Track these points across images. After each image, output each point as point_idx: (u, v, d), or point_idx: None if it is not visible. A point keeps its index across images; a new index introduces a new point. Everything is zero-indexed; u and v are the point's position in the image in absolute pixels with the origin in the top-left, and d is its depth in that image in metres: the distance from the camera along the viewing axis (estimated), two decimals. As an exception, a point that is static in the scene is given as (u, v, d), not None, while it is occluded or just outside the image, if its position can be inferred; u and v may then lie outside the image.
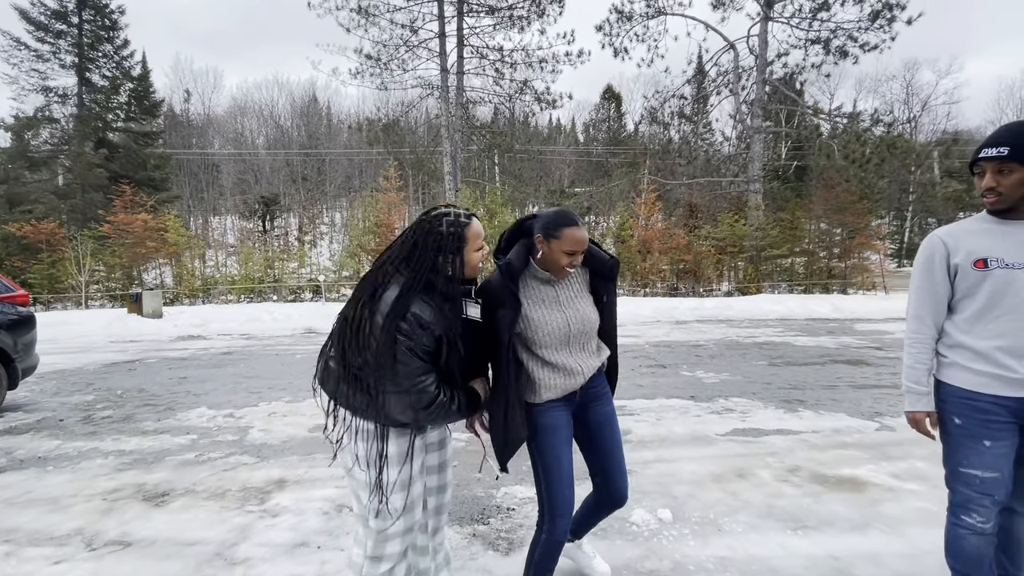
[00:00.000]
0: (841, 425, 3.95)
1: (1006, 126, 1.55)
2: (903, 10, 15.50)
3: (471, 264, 1.55)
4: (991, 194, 1.53)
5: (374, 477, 1.53)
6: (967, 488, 1.62)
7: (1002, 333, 1.54)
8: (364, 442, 1.54)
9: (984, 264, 1.55)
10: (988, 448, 1.56)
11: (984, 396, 1.56)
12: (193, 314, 11.90)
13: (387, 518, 1.56)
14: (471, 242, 1.53)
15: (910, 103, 35.41)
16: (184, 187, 36.29)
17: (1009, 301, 1.52)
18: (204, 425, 4.19)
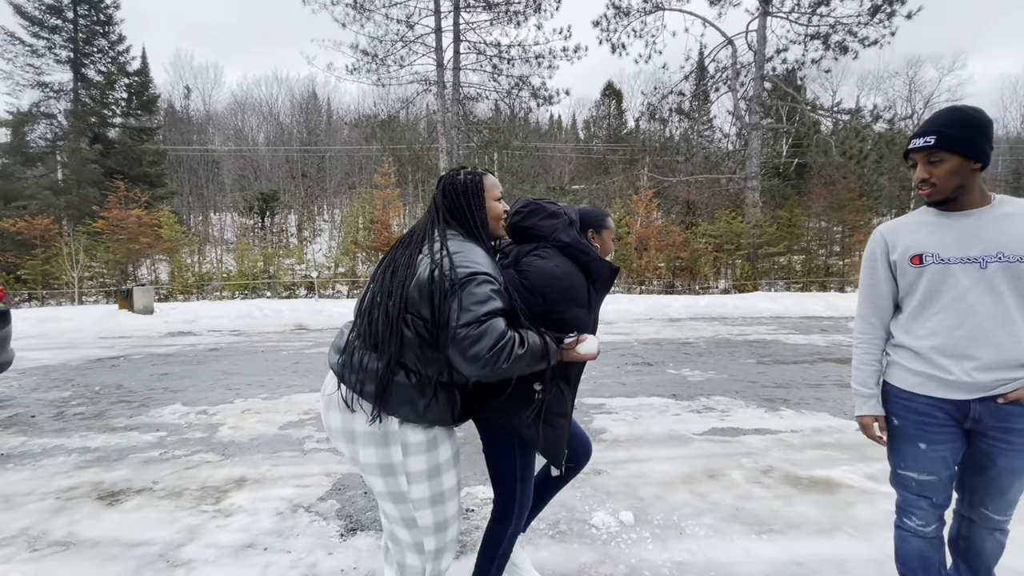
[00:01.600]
0: (822, 424, 3.87)
1: (935, 114, 1.46)
2: (903, 4, 15.32)
3: (493, 212, 1.55)
4: (925, 185, 1.45)
5: (433, 491, 1.45)
6: (904, 490, 1.58)
7: (936, 331, 1.46)
8: (416, 455, 1.41)
9: (920, 260, 1.48)
10: (923, 451, 1.50)
11: (920, 397, 1.50)
12: (185, 310, 11.86)
13: (446, 528, 1.50)
14: (489, 190, 1.55)
15: (912, 100, 35.14)
16: (184, 183, 36.28)
17: (944, 298, 1.44)
18: (175, 422, 4.13)
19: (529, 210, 1.63)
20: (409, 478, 1.43)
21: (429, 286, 1.35)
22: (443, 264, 1.35)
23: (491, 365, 1.28)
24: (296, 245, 22.12)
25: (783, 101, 19.02)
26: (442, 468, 1.47)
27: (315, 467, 3.18)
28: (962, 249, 1.42)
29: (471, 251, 1.40)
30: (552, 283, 1.49)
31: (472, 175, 1.54)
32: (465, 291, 1.31)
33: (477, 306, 1.29)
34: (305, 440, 3.68)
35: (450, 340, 1.29)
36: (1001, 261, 1.38)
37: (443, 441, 1.47)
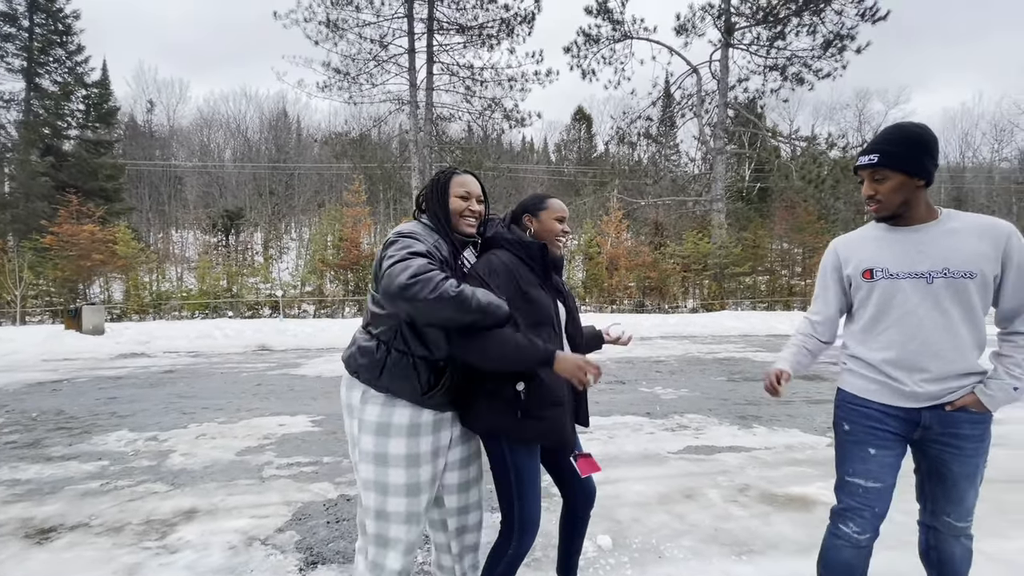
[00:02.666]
0: (794, 441, 3.89)
1: (881, 131, 1.51)
2: (852, 40, 16.33)
3: (453, 207, 1.61)
4: (871, 202, 1.49)
5: (377, 478, 1.49)
6: (850, 498, 1.57)
7: (889, 345, 1.49)
8: (367, 433, 1.51)
9: (871, 274, 1.52)
10: (872, 456, 1.52)
11: (873, 403, 1.52)
12: (139, 331, 11.25)
13: (387, 520, 1.50)
14: (453, 187, 1.62)
15: (862, 130, 37.28)
16: (144, 199, 34.96)
17: (895, 312, 1.48)
18: (120, 450, 3.83)
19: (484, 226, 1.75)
20: (360, 455, 1.52)
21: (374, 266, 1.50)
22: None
23: (416, 294, 1.33)
24: (261, 263, 21.47)
25: (745, 128, 19.86)
26: (390, 460, 1.49)
27: (274, 495, 2.97)
28: (910, 264, 1.46)
29: (413, 227, 1.55)
30: (491, 272, 1.55)
31: (444, 171, 1.66)
32: (392, 242, 1.47)
33: (399, 251, 1.42)
34: (264, 467, 3.45)
35: (380, 284, 1.40)
36: (946, 277, 1.42)
37: (400, 434, 1.49)
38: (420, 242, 1.47)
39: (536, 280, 1.61)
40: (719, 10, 17.84)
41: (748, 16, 17.92)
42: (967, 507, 1.51)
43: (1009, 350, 1.44)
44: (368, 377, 1.50)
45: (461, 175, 1.64)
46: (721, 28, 17.98)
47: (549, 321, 1.61)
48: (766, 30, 17.89)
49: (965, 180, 41.71)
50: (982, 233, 1.42)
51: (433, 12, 17.86)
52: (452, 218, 1.61)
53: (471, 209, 1.62)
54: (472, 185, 1.64)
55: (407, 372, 1.48)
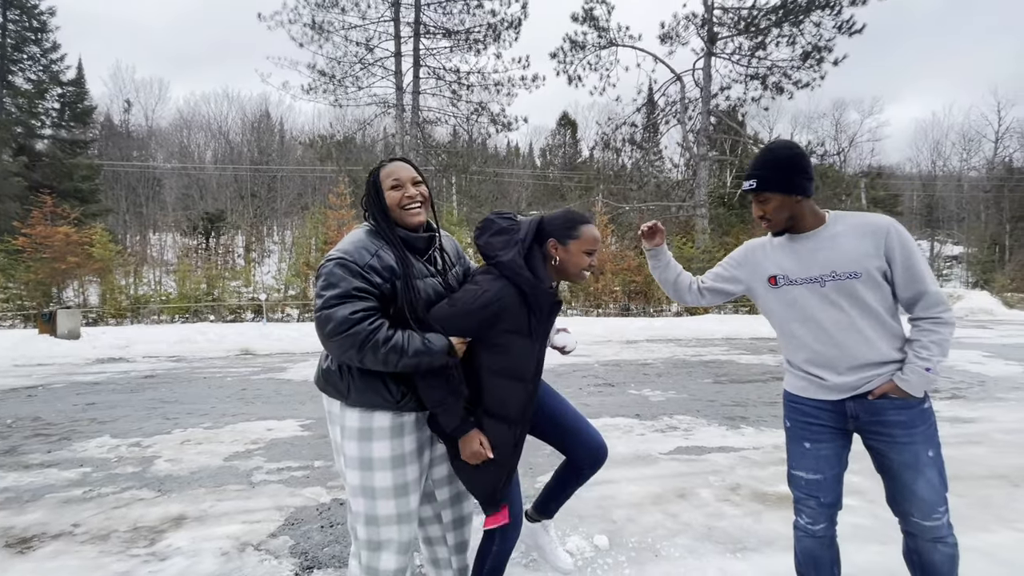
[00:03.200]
0: (781, 441, 3.92)
1: (757, 156, 1.60)
2: (830, 52, 16.80)
3: (389, 201, 1.51)
4: (763, 221, 1.60)
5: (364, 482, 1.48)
6: (796, 490, 1.67)
7: (801, 347, 1.61)
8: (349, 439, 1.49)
9: (775, 281, 1.63)
10: (808, 450, 1.61)
11: (804, 399, 1.63)
12: (116, 335, 10.96)
13: (377, 524, 1.48)
14: (383, 182, 1.52)
15: (839, 139, 38.24)
16: (120, 201, 34.11)
17: (799, 315, 1.59)
18: (103, 456, 3.73)
19: (482, 227, 1.59)
20: (345, 461, 1.50)
21: None
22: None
23: (344, 349, 1.35)
24: (243, 267, 21.11)
25: (727, 135, 20.22)
26: (375, 464, 1.47)
27: (265, 500, 2.92)
28: (805, 270, 1.57)
29: (348, 238, 1.49)
30: (476, 308, 1.42)
31: (372, 170, 1.57)
32: (320, 275, 1.41)
33: (325, 289, 1.38)
34: (253, 472, 3.40)
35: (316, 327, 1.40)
36: (835, 279, 1.52)
37: (382, 437, 1.46)
38: (344, 277, 1.38)
39: (527, 328, 1.48)
40: (702, 20, 18.19)
41: (730, 26, 18.31)
42: (924, 501, 1.49)
43: (915, 334, 1.53)
44: (339, 396, 1.49)
45: (387, 165, 1.55)
46: (704, 37, 18.33)
47: (521, 376, 1.49)
48: (747, 40, 18.29)
49: (936, 188, 43.05)
50: (863, 233, 1.52)
51: (420, 16, 17.87)
52: (393, 213, 1.51)
53: (408, 195, 1.51)
54: (401, 171, 1.53)
55: (375, 387, 1.45)
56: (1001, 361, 7.87)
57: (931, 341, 1.48)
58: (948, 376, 6.62)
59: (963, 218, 40.62)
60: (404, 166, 1.55)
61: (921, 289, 1.49)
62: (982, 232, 35.95)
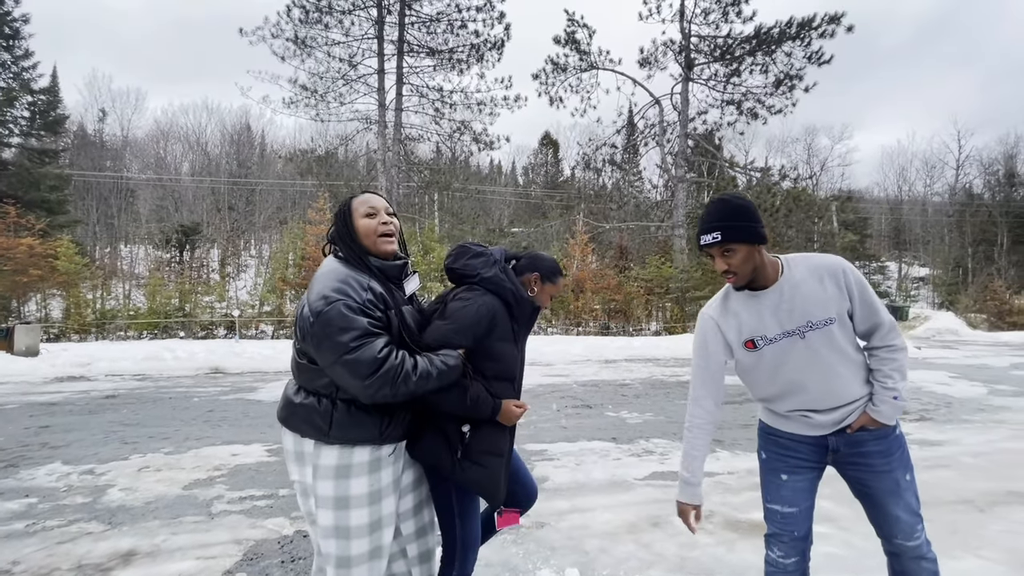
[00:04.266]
0: (755, 465, 3.94)
1: (711, 208, 1.56)
2: (801, 80, 17.46)
3: (363, 230, 1.52)
4: (728, 275, 1.55)
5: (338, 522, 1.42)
6: (771, 523, 1.66)
7: (786, 400, 1.59)
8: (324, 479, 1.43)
9: (753, 344, 1.58)
10: (785, 482, 1.62)
11: (784, 433, 1.64)
12: (79, 352, 10.52)
13: (349, 566, 1.42)
14: (356, 209, 1.55)
15: (811, 163, 39.61)
16: (91, 212, 33.18)
17: (784, 370, 1.56)
18: (51, 485, 3.52)
19: (457, 252, 1.72)
20: (317, 502, 1.44)
21: (299, 322, 1.43)
22: (306, 299, 1.42)
23: (379, 388, 1.34)
24: (218, 281, 20.62)
25: (704, 157, 20.73)
26: (352, 502, 1.42)
27: (223, 534, 2.78)
28: (781, 325, 1.55)
29: (329, 273, 1.44)
30: (474, 320, 1.55)
31: (344, 200, 1.60)
32: (327, 321, 1.35)
33: (342, 334, 1.34)
34: (213, 501, 3.24)
35: (336, 373, 1.37)
36: (812, 329, 1.53)
37: (360, 473, 1.42)
38: (354, 317, 1.35)
39: (512, 335, 1.66)
40: (680, 47, 18.75)
41: (707, 53, 18.91)
42: (906, 523, 1.55)
43: (876, 364, 1.57)
44: (317, 435, 1.42)
45: (360, 196, 1.59)
46: (682, 63, 18.87)
47: (511, 376, 1.67)
48: (723, 67, 18.90)
49: (903, 212, 44.74)
50: (821, 276, 1.54)
51: (403, 35, 18.02)
52: (367, 241, 1.52)
53: (383, 222, 1.54)
54: (376, 200, 1.58)
55: (360, 421, 1.42)
56: (966, 382, 8.09)
57: (892, 369, 1.54)
58: (916, 397, 6.76)
59: (928, 241, 42.25)
60: (378, 197, 1.60)
61: (876, 320, 1.55)
62: (946, 255, 37.39)
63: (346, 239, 1.52)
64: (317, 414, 1.41)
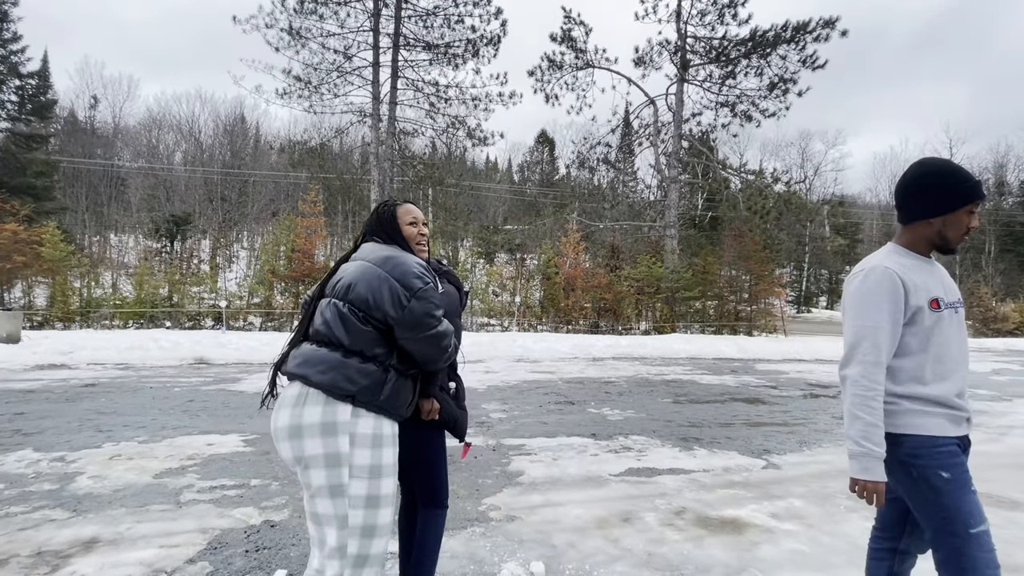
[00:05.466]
0: (732, 463, 3.97)
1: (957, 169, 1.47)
2: (795, 84, 17.54)
3: (407, 235, 1.75)
4: (972, 232, 1.49)
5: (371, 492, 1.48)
6: (989, 552, 1.33)
7: (946, 375, 1.42)
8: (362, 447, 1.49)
9: (938, 304, 1.43)
10: (975, 495, 1.39)
11: (951, 440, 1.42)
12: (61, 340, 10.40)
13: (373, 535, 1.48)
14: (402, 217, 1.77)
15: (804, 167, 39.85)
16: (80, 199, 32.79)
17: (947, 343, 1.44)
18: (19, 472, 3.47)
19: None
20: (352, 471, 1.46)
21: (388, 292, 1.53)
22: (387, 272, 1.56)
23: (453, 353, 1.67)
24: (207, 272, 20.43)
25: (698, 159, 20.80)
26: (384, 471, 1.50)
27: (189, 522, 2.75)
28: (952, 293, 1.48)
29: (405, 256, 1.63)
30: (452, 301, 1.86)
31: (386, 206, 1.79)
32: (423, 298, 1.54)
33: (436, 309, 1.57)
34: (183, 490, 3.21)
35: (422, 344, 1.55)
36: (960, 308, 1.50)
37: (389, 444, 1.53)
38: (430, 282, 1.60)
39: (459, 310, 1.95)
40: (675, 47, 18.76)
41: (702, 55, 18.94)
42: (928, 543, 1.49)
43: None
44: (366, 399, 1.49)
45: (404, 204, 1.80)
46: (677, 64, 18.89)
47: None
48: (718, 68, 18.94)
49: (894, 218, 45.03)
50: None
51: (400, 28, 17.89)
52: (407, 246, 1.74)
53: (422, 234, 1.79)
54: (417, 212, 1.82)
55: (405, 389, 1.59)
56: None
57: None
58: (897, 400, 6.82)
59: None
60: (418, 210, 1.84)
61: None
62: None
63: (396, 239, 1.74)
64: (373, 378, 1.50)
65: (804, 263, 36.28)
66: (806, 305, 35.37)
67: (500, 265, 23.68)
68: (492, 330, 16.15)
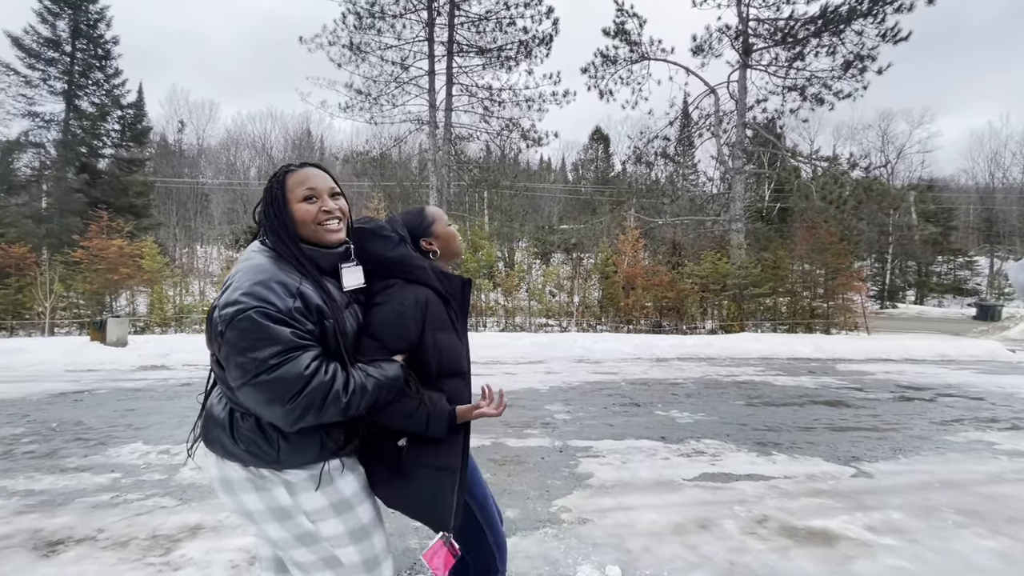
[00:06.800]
0: (816, 470, 3.73)
1: None
2: (873, 61, 16.17)
3: (299, 216, 1.25)
4: None
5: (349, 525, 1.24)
6: None
7: None
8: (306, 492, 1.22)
9: None
10: None
11: None
12: (160, 343, 11.46)
13: (378, 566, 1.28)
14: (292, 190, 1.25)
15: (886, 151, 36.70)
16: (171, 215, 36.09)
17: None
18: (133, 462, 3.86)
19: (356, 237, 1.37)
20: (310, 516, 1.21)
21: (208, 327, 1.18)
22: (219, 298, 1.15)
23: (301, 413, 1.09)
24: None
25: (764, 148, 19.72)
26: (352, 501, 1.26)
27: (279, 514, 2.94)
28: None
29: (249, 271, 1.16)
30: (404, 322, 1.29)
31: (275, 175, 1.29)
32: (234, 329, 1.08)
33: (255, 349, 1.07)
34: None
35: (247, 396, 1.11)
36: None
37: (339, 475, 1.25)
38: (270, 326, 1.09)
39: (451, 321, 1.38)
40: (736, 32, 17.89)
41: (766, 37, 17.93)
42: None
43: None
44: (263, 463, 1.18)
45: (296, 171, 1.28)
46: (738, 49, 18.00)
47: (459, 370, 1.40)
48: (784, 51, 17.85)
49: (995, 201, 40.58)
50: None
51: (453, 35, 18.29)
52: (304, 230, 1.25)
53: (325, 210, 1.26)
54: (316, 178, 1.27)
55: (312, 434, 1.19)
56: (1069, 389, 7.23)
57: None
58: (1008, 404, 6.13)
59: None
60: (320, 174, 1.29)
61: None
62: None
63: (276, 227, 1.24)
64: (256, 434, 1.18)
65: (887, 255, 33.37)
66: (891, 300, 32.51)
67: (556, 265, 23.58)
68: (551, 331, 16.11)
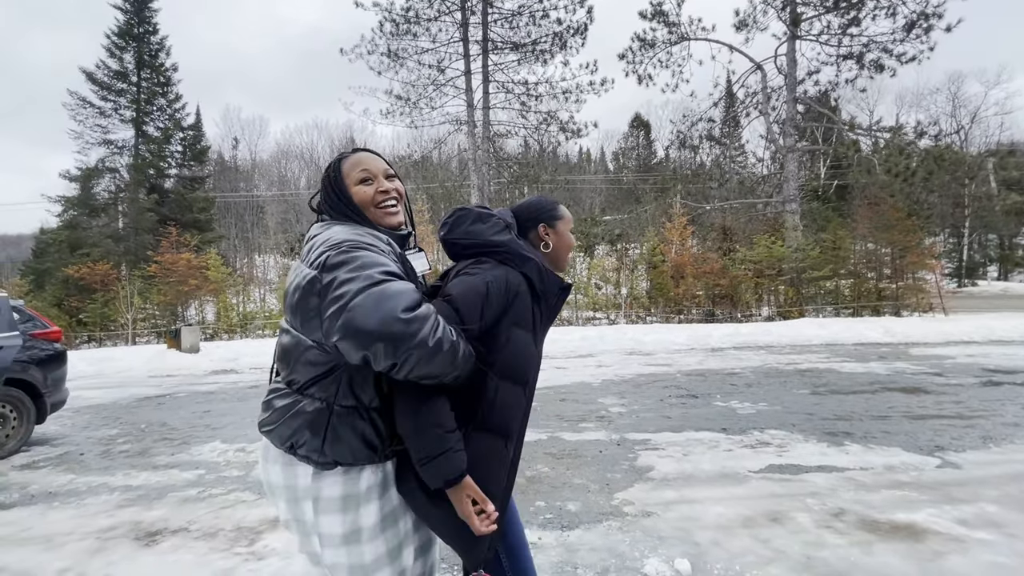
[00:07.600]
0: (895, 461, 3.51)
1: None
2: (940, 18, 14.93)
3: (359, 198, 1.25)
4: None
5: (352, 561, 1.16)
6: None
7: None
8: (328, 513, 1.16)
9: None
10: None
11: None
12: (228, 349, 12.21)
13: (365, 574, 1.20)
14: (347, 175, 1.26)
15: (957, 115, 33.81)
16: (231, 228, 38.34)
17: None
18: (214, 460, 4.14)
19: (455, 219, 1.33)
20: (322, 540, 1.17)
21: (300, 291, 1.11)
22: (305, 259, 1.13)
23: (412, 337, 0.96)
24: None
25: (818, 122, 18.66)
26: (364, 535, 1.16)
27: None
28: None
29: (336, 232, 1.16)
30: (488, 299, 1.16)
31: (330, 164, 1.30)
32: (340, 268, 1.04)
33: (361, 268, 1.02)
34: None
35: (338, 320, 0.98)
36: None
37: (367, 502, 1.16)
38: (383, 256, 1.09)
39: (532, 322, 1.25)
40: (783, 1, 16.98)
41: (816, 5, 16.92)
42: None
43: None
44: (308, 451, 1.13)
45: (350, 156, 1.30)
46: (786, 20, 17.08)
47: (523, 379, 1.23)
48: (837, 17, 16.79)
49: (1091, 162, 36.53)
50: None
51: (487, 33, 18.36)
52: (367, 212, 1.25)
53: (382, 190, 1.26)
54: (370, 161, 1.29)
55: (361, 431, 1.13)
56: None
57: None
58: (1116, 386, 5.54)
59: None
60: (373, 156, 1.31)
61: None
62: None
63: (342, 209, 1.25)
64: (307, 421, 1.13)
65: (964, 228, 30.74)
66: (970, 278, 29.92)
67: (601, 257, 23.26)
68: (599, 323, 15.93)
